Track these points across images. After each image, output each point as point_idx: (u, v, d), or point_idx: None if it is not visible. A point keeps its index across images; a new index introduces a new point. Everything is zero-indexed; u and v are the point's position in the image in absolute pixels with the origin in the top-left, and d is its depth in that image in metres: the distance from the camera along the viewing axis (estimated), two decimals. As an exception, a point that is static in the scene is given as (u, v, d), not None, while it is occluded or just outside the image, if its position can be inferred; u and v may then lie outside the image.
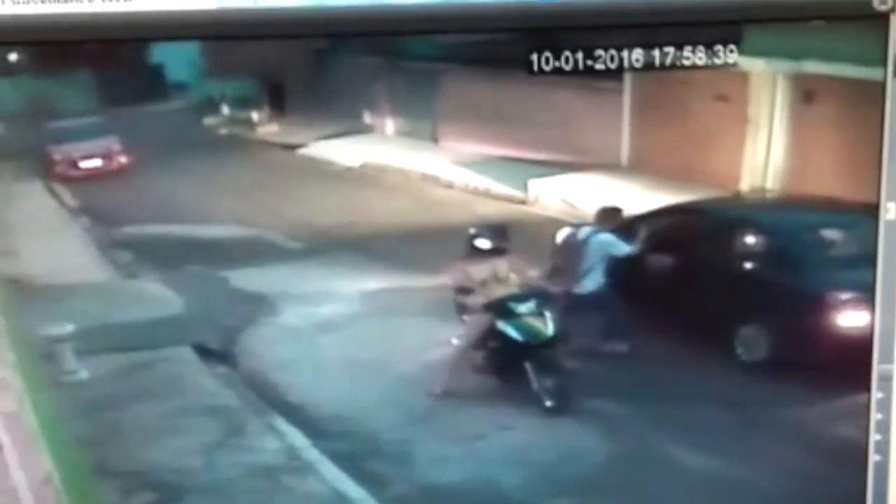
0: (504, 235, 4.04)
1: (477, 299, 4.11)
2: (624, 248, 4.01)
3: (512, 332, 4.12)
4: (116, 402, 4.05)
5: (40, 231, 4.05)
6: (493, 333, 4.16)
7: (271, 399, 4.21)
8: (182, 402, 4.17)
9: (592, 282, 4.06)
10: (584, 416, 4.07)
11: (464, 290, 4.10)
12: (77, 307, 4.03)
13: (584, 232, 4.04)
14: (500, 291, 4.11)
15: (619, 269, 4.01)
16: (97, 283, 4.22)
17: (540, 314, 4.11)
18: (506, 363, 4.15)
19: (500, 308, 4.13)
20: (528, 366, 4.09)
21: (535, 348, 4.10)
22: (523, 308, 4.12)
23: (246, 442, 4.12)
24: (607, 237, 3.99)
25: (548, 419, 4.07)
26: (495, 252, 4.03)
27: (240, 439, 4.11)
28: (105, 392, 4.06)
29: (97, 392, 4.04)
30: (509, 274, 4.10)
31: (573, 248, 4.06)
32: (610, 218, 3.98)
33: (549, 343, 4.11)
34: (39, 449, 3.91)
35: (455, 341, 4.13)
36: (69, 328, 3.94)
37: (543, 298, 4.11)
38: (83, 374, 4.04)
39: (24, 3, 3.05)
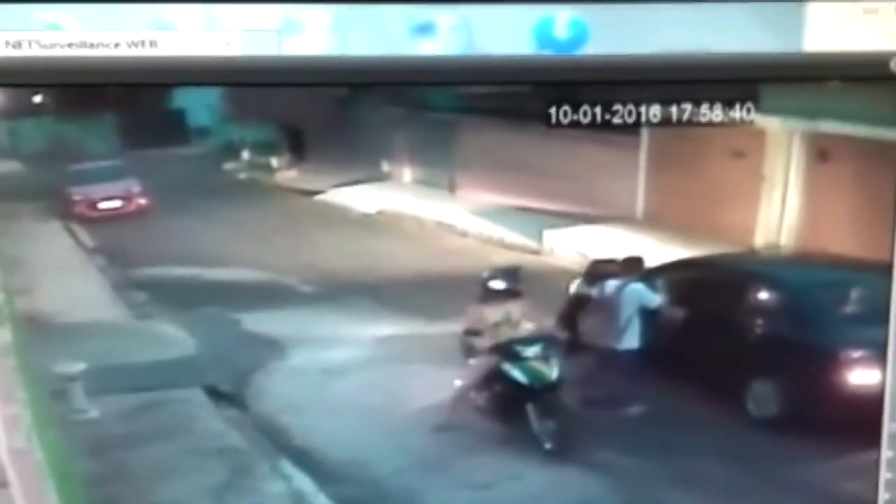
0: (518, 278, 4.09)
1: (485, 341, 4.14)
2: (655, 300, 4.03)
3: (517, 375, 4.14)
4: (125, 441, 4.05)
5: (56, 270, 4.07)
6: (497, 375, 4.18)
7: (280, 442, 4.20)
8: (191, 443, 4.16)
9: (620, 335, 4.07)
10: (587, 465, 4.06)
11: (474, 332, 4.13)
12: (90, 346, 4.04)
13: (612, 284, 4.05)
14: (509, 334, 4.14)
15: (647, 323, 4.03)
16: (111, 322, 4.23)
17: (545, 358, 4.13)
18: (508, 405, 4.16)
19: (507, 350, 4.16)
20: (529, 408, 4.10)
21: (538, 391, 4.12)
22: (529, 352, 4.14)
23: (253, 484, 4.10)
24: (640, 288, 4.01)
25: (550, 466, 4.05)
26: (509, 294, 4.07)
27: (247, 482, 4.10)
28: (114, 431, 4.06)
29: (106, 431, 4.05)
30: (522, 318, 4.13)
31: (600, 299, 4.07)
32: (632, 268, 4.00)
33: (553, 387, 4.12)
34: (46, 487, 3.89)
35: (458, 382, 4.16)
36: (81, 367, 3.95)
37: (550, 343, 4.13)
38: (93, 413, 4.04)
39: (49, 47, 3.09)
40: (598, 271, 4.08)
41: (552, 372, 4.11)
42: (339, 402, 4.22)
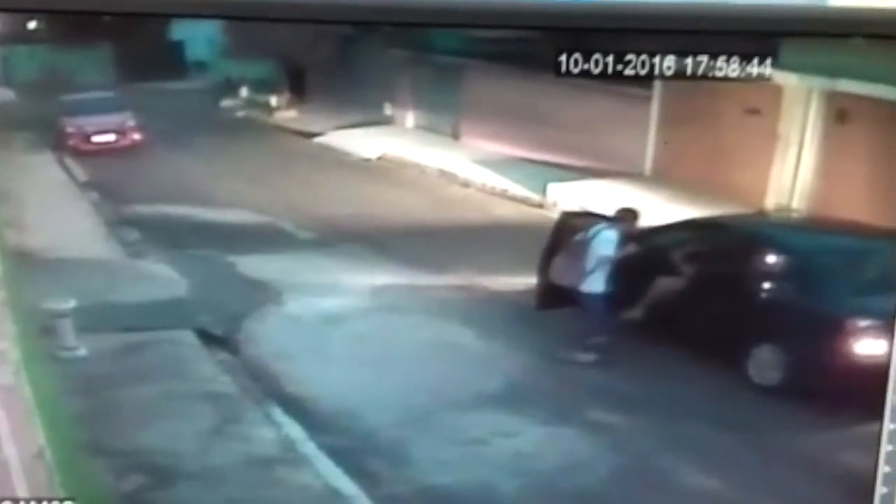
0: None
1: None
2: (620, 251, 3.94)
3: None
4: (114, 381, 4.03)
5: (48, 204, 4.02)
6: None
7: (270, 389, 4.17)
8: (180, 385, 4.13)
9: (594, 282, 3.97)
10: (583, 426, 4.01)
11: None
12: (80, 283, 4.00)
13: (592, 229, 3.97)
14: None
15: (624, 275, 3.93)
16: (102, 259, 4.19)
17: None
18: None
19: None
20: None
21: None
22: None
23: (241, 430, 4.08)
24: (610, 235, 3.92)
25: (546, 425, 3.99)
26: None
27: (235, 427, 4.08)
28: (103, 370, 4.03)
29: (95, 370, 4.02)
30: None
31: (578, 244, 3.98)
32: (624, 218, 3.92)
33: None
34: (33, 424, 3.89)
35: None
36: (71, 303, 3.91)
37: None
38: (82, 351, 4.01)
39: (45, -31, 3.00)
40: (575, 223, 4.00)
41: None
42: (334, 351, 4.18)
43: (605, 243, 3.93)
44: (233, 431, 4.03)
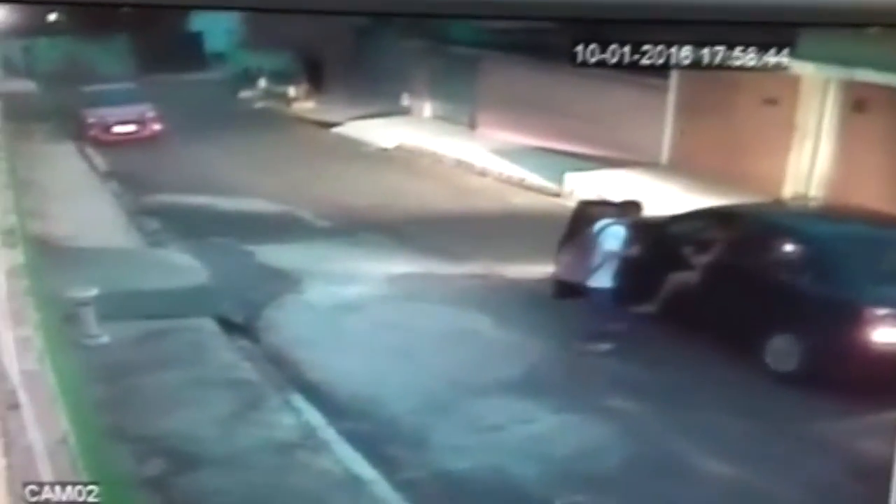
0: None
1: None
2: (633, 242, 3.93)
3: None
4: (136, 368, 4.05)
5: (70, 194, 4.06)
6: None
7: (290, 375, 4.18)
8: (201, 372, 4.15)
9: (610, 273, 3.97)
10: (601, 414, 4.01)
11: None
12: (102, 272, 4.02)
13: (599, 224, 3.96)
14: None
15: (640, 264, 3.93)
16: (124, 249, 4.22)
17: None
18: None
19: None
20: None
21: None
22: None
23: (262, 416, 4.09)
24: (620, 227, 3.91)
25: (562, 412, 4.00)
26: None
27: (256, 413, 4.09)
28: (125, 357, 4.05)
29: (117, 357, 4.04)
30: None
31: (587, 239, 3.98)
32: (628, 211, 3.91)
33: None
34: (57, 409, 3.91)
35: None
36: (93, 292, 3.94)
37: None
38: (104, 339, 4.04)
39: (65, -37, 3.01)
40: (592, 211, 3.99)
41: None
42: (352, 338, 4.20)
43: (616, 236, 3.93)
44: (253, 417, 4.03)
